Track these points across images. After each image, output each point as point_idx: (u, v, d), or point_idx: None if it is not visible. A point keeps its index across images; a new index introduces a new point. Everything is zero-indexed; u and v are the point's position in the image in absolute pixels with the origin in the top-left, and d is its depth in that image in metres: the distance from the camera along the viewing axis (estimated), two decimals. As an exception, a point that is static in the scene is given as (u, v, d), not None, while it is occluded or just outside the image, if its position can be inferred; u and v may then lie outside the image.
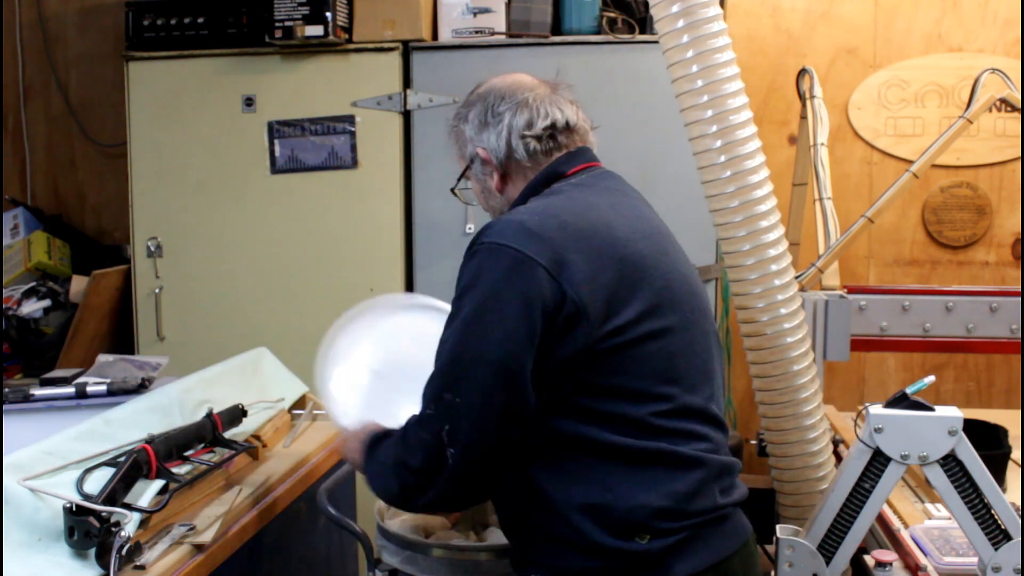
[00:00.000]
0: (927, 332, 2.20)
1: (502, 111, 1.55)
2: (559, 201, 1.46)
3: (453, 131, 1.61)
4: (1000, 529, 1.40)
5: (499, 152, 1.55)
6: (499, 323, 1.30)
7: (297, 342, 2.86)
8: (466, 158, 1.59)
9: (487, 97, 1.59)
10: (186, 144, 2.97)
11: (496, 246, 1.34)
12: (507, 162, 1.55)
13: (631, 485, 1.34)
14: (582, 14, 2.82)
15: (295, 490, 1.90)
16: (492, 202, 1.62)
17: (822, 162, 2.38)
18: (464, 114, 1.59)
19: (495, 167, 1.56)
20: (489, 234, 1.37)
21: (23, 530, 1.33)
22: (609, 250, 1.37)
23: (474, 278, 1.34)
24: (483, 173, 1.59)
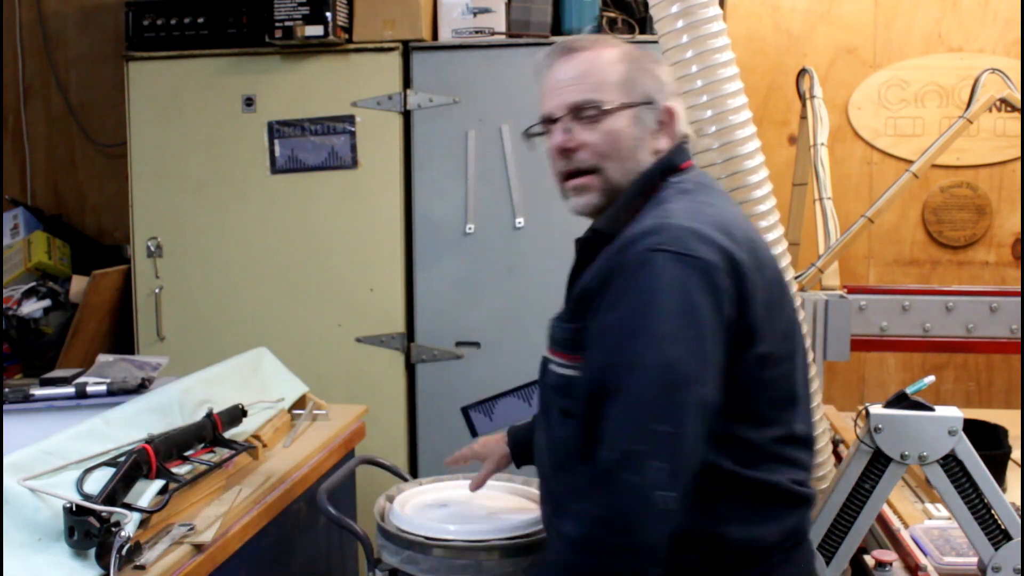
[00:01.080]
0: (927, 332, 2.20)
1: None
2: (710, 208, 1.31)
3: (624, 61, 1.38)
4: (1000, 529, 1.40)
5: (679, 122, 1.40)
6: (699, 340, 1.18)
7: (297, 342, 2.87)
8: (634, 97, 1.36)
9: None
10: (186, 144, 2.97)
11: (680, 256, 1.20)
12: (673, 133, 1.40)
13: (747, 516, 1.27)
14: (582, 14, 2.82)
15: (295, 490, 1.90)
16: (622, 155, 1.36)
17: (822, 162, 2.38)
18: (642, 61, 1.40)
19: (669, 132, 1.40)
20: (663, 240, 1.22)
21: (23, 530, 1.33)
22: (764, 268, 1.29)
23: (658, 288, 1.19)
24: (647, 124, 1.38)
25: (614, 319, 1.22)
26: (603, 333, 1.24)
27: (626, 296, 1.21)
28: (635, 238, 1.24)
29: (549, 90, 1.41)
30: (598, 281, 1.27)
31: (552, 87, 1.40)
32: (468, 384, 2.87)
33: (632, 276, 1.21)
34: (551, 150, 1.41)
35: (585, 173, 1.38)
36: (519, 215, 2.84)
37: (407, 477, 1.99)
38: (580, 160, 1.38)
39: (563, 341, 1.35)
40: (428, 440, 2.92)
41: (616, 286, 1.23)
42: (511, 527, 1.65)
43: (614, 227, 1.34)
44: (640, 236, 1.24)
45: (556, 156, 1.40)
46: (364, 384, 2.90)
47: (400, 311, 2.91)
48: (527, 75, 2.78)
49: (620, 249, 1.26)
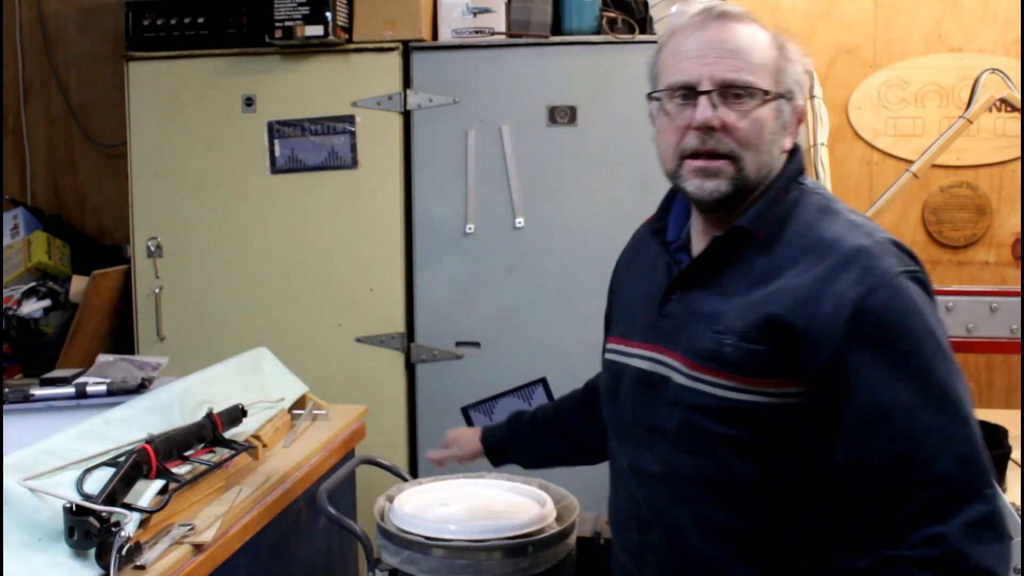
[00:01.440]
0: (927, 332, 2.20)
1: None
2: (865, 219, 1.30)
3: (775, 48, 1.30)
4: (1000, 529, 1.39)
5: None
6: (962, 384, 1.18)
7: (297, 342, 2.87)
8: (781, 88, 1.29)
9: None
10: (186, 144, 2.97)
11: (912, 274, 1.20)
12: (796, 134, 1.35)
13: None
14: (582, 14, 2.82)
15: (295, 490, 1.90)
16: (761, 148, 1.27)
17: (822, 162, 2.38)
18: (789, 50, 1.31)
19: (794, 133, 1.33)
20: (898, 260, 1.20)
21: (23, 530, 1.33)
22: None
23: (915, 314, 1.18)
24: (783, 117, 1.31)
25: (901, 390, 1.16)
26: (891, 409, 1.16)
27: (890, 329, 1.17)
28: (867, 268, 1.18)
29: (695, 55, 1.26)
30: (818, 313, 1.18)
31: (699, 52, 1.26)
32: (468, 384, 2.87)
33: (883, 303, 1.17)
34: (684, 122, 1.27)
35: (720, 157, 1.26)
36: (519, 215, 2.84)
37: (407, 477, 1.99)
38: (721, 143, 1.25)
39: (738, 362, 1.22)
40: (428, 440, 2.92)
41: (881, 328, 1.17)
42: (511, 527, 1.65)
43: (759, 227, 1.28)
44: (867, 263, 1.19)
45: (687, 131, 1.27)
46: (364, 384, 2.90)
47: (400, 311, 2.91)
48: (527, 75, 2.80)
49: (859, 285, 1.17)
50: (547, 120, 2.81)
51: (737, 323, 1.24)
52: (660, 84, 1.32)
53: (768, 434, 1.23)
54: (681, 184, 1.31)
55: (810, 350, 1.19)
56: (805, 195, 1.32)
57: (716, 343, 1.25)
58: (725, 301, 1.27)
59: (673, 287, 1.33)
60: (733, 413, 1.23)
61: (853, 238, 1.23)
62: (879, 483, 1.17)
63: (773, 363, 1.21)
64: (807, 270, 1.22)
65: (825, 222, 1.27)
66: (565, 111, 2.79)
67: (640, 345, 1.37)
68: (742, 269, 1.28)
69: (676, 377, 1.29)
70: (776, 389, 1.22)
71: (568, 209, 2.80)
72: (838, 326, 1.17)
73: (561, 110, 2.80)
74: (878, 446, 1.16)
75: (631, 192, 2.76)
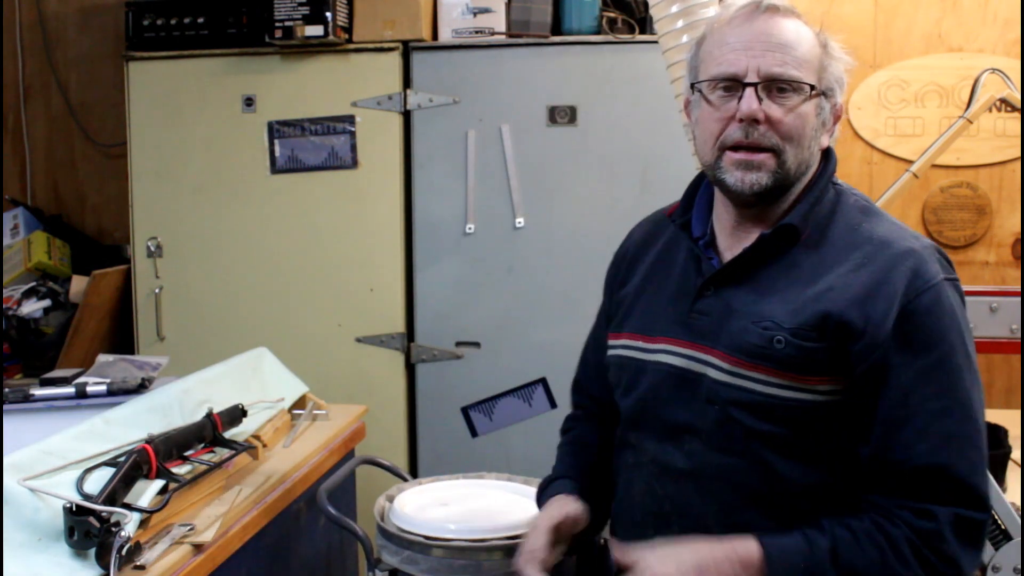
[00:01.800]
0: (927, 332, 2.20)
1: None
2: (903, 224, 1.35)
3: (819, 44, 1.30)
4: (1000, 529, 1.40)
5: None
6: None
7: (297, 342, 2.87)
8: (823, 86, 1.29)
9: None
10: (186, 144, 2.97)
11: (954, 283, 1.25)
12: (832, 133, 1.35)
13: None
14: (582, 14, 2.82)
15: (295, 490, 1.90)
16: (802, 143, 1.27)
17: (822, 162, 2.38)
18: (832, 48, 1.32)
19: (831, 131, 1.34)
20: (942, 267, 1.25)
21: (23, 530, 1.33)
22: None
23: (953, 322, 1.22)
24: (823, 114, 1.31)
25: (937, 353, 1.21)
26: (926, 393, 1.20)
27: (925, 329, 1.21)
28: (917, 270, 1.22)
29: (742, 47, 1.26)
30: (873, 313, 1.21)
31: (746, 44, 1.25)
32: (468, 384, 2.87)
33: (926, 309, 1.21)
34: (727, 113, 1.26)
35: (762, 151, 1.26)
36: (519, 215, 2.84)
37: (407, 477, 1.99)
38: (764, 136, 1.25)
39: (790, 359, 1.22)
40: (428, 440, 2.92)
41: (923, 330, 1.21)
42: (511, 527, 1.65)
43: (806, 225, 1.28)
44: (917, 265, 1.23)
45: (732, 122, 1.26)
46: (364, 384, 2.90)
47: (400, 311, 2.91)
48: (527, 75, 2.80)
49: (908, 287, 1.21)
50: (547, 120, 2.81)
51: (788, 320, 1.23)
52: (702, 75, 1.30)
53: (810, 432, 1.24)
54: (720, 176, 1.29)
55: (862, 348, 1.20)
56: (844, 195, 1.33)
57: (766, 340, 1.24)
58: (768, 298, 1.26)
59: (709, 283, 1.32)
60: (778, 410, 1.24)
61: (904, 240, 1.26)
62: (895, 474, 1.20)
63: (824, 361, 1.22)
64: (858, 268, 1.23)
65: (871, 222, 1.30)
66: (565, 111, 2.80)
67: (667, 341, 1.34)
68: (784, 267, 1.28)
69: (712, 373, 1.28)
70: (824, 387, 1.23)
71: (568, 209, 2.80)
72: (887, 326, 1.20)
73: (561, 110, 2.80)
74: (900, 443, 1.19)
75: (631, 192, 2.76)
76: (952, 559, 1.17)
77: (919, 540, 1.17)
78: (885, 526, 1.18)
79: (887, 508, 1.20)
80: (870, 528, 1.19)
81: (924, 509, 1.18)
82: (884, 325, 1.19)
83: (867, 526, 1.19)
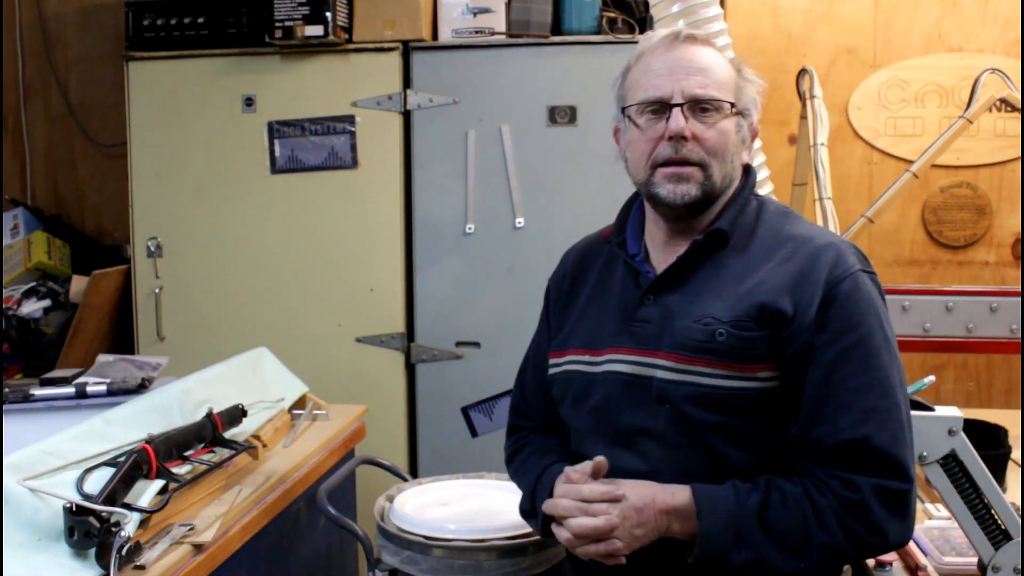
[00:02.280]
0: (927, 332, 2.20)
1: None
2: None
3: (734, 69, 1.43)
4: (1000, 529, 1.40)
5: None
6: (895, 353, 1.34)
7: (297, 342, 2.87)
8: (740, 106, 1.42)
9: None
10: (186, 144, 2.97)
11: (871, 275, 1.36)
12: (750, 151, 1.48)
13: None
14: (582, 14, 2.82)
15: (295, 490, 1.90)
16: (725, 158, 1.40)
17: (822, 162, 2.39)
18: (746, 72, 1.45)
19: (749, 149, 1.47)
20: (858, 260, 1.35)
21: (23, 530, 1.33)
22: None
23: (871, 307, 1.32)
24: (742, 132, 1.43)
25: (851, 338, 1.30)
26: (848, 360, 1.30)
27: (844, 317, 1.31)
28: (836, 261, 1.33)
29: (666, 72, 1.38)
30: (800, 299, 1.31)
31: (670, 69, 1.38)
32: (468, 384, 2.87)
33: (844, 298, 1.31)
34: (656, 134, 1.38)
35: (691, 164, 1.38)
36: (519, 215, 2.84)
37: (407, 477, 1.99)
38: (691, 151, 1.37)
39: (731, 349, 1.32)
40: (428, 440, 2.92)
41: (842, 314, 1.31)
42: (511, 527, 1.65)
43: (734, 230, 1.40)
44: (836, 256, 1.33)
45: (661, 141, 1.38)
46: (364, 384, 2.90)
47: (400, 311, 2.91)
48: (527, 75, 2.80)
49: (829, 275, 1.31)
50: (547, 120, 2.81)
51: (726, 314, 1.33)
52: (631, 100, 1.43)
53: (757, 419, 1.33)
54: (654, 190, 1.40)
55: (791, 333, 1.31)
56: (765, 204, 1.46)
57: (707, 334, 1.33)
58: (704, 298, 1.37)
59: (648, 292, 1.41)
60: (724, 401, 1.32)
61: (822, 236, 1.38)
62: (821, 447, 1.29)
63: (762, 348, 1.31)
64: (785, 262, 1.35)
65: (791, 224, 1.42)
66: (565, 111, 2.80)
67: (614, 351, 1.41)
68: (715, 269, 1.38)
69: (660, 373, 1.35)
70: (764, 373, 1.32)
71: (568, 209, 2.80)
72: (812, 311, 1.30)
73: (561, 110, 2.80)
74: (824, 418, 1.29)
75: (630, 192, 2.75)
76: (877, 526, 1.26)
77: (844, 510, 1.26)
78: (814, 495, 1.27)
79: (819, 476, 1.28)
80: (800, 495, 1.28)
81: (849, 479, 1.26)
82: (810, 310, 1.30)
83: (798, 492, 1.28)
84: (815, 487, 1.28)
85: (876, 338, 1.31)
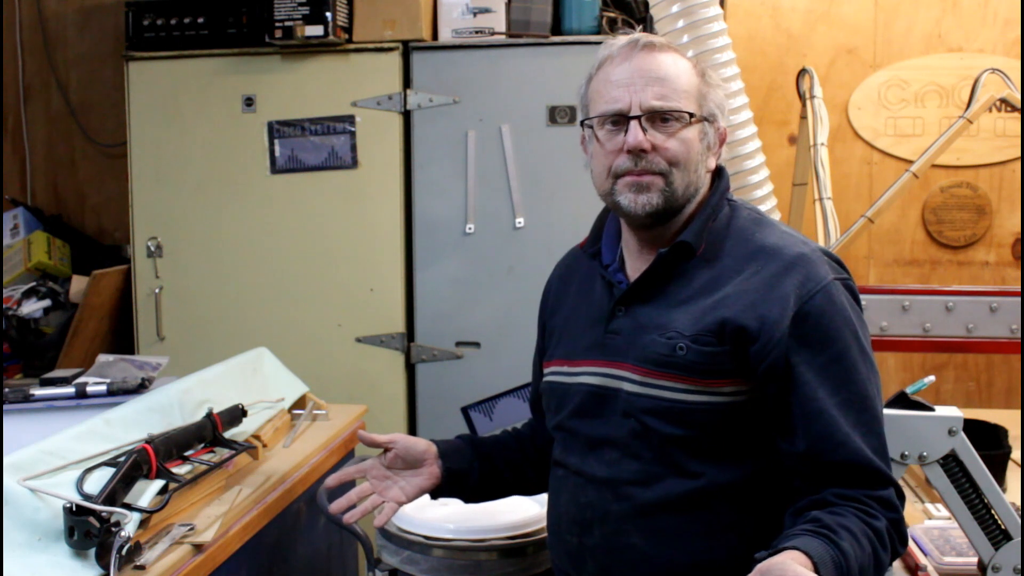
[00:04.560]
0: (927, 332, 2.20)
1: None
2: (795, 231, 1.43)
3: (697, 75, 1.39)
4: (1000, 529, 1.40)
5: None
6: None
7: (297, 342, 2.87)
8: (704, 112, 1.38)
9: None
10: (186, 144, 2.97)
11: (844, 280, 1.33)
12: (719, 155, 1.45)
13: None
14: (582, 14, 2.82)
15: (295, 490, 1.90)
16: (689, 167, 1.36)
17: (822, 162, 2.39)
18: (710, 77, 1.41)
19: (717, 154, 1.43)
20: (831, 268, 1.33)
21: (23, 530, 1.33)
22: None
23: (845, 320, 1.30)
24: (708, 138, 1.40)
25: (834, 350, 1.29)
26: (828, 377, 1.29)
27: (838, 340, 1.29)
28: (807, 274, 1.30)
29: (624, 83, 1.35)
30: (768, 316, 1.28)
31: (628, 81, 1.35)
32: (468, 384, 2.87)
33: (821, 307, 1.29)
34: (616, 146, 1.35)
35: (652, 174, 1.35)
36: (519, 215, 2.84)
37: (407, 477, 1.98)
38: (652, 162, 1.34)
39: (692, 365, 1.30)
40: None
41: (817, 331, 1.29)
42: (510, 527, 1.65)
43: (700, 240, 1.36)
44: (807, 269, 1.30)
45: (621, 153, 1.35)
46: (364, 384, 2.90)
47: (400, 311, 2.91)
48: (527, 75, 2.80)
49: (800, 290, 1.29)
50: (547, 120, 2.81)
51: (689, 329, 1.32)
52: (592, 112, 1.40)
53: (718, 433, 1.32)
54: (615, 199, 1.37)
55: (759, 350, 1.28)
56: (737, 210, 1.42)
57: (669, 348, 1.32)
58: (672, 311, 1.35)
59: (619, 304, 1.40)
60: (686, 415, 1.31)
61: (793, 246, 1.34)
62: (810, 467, 1.28)
63: (725, 364, 1.30)
64: (752, 276, 1.32)
65: (762, 233, 1.38)
66: (565, 111, 2.80)
67: (586, 363, 1.42)
68: (684, 281, 1.36)
69: (627, 387, 1.35)
70: (727, 388, 1.31)
71: (568, 209, 2.80)
72: (783, 327, 1.28)
73: (561, 110, 2.80)
74: (808, 437, 1.28)
75: (631, 192, 2.76)
76: (904, 536, 1.28)
77: (892, 527, 1.26)
78: (868, 520, 1.24)
79: (858, 499, 1.26)
80: (858, 524, 1.24)
81: (845, 494, 1.25)
82: (780, 326, 1.27)
83: (855, 522, 1.24)
84: (863, 511, 1.25)
85: (852, 352, 1.29)
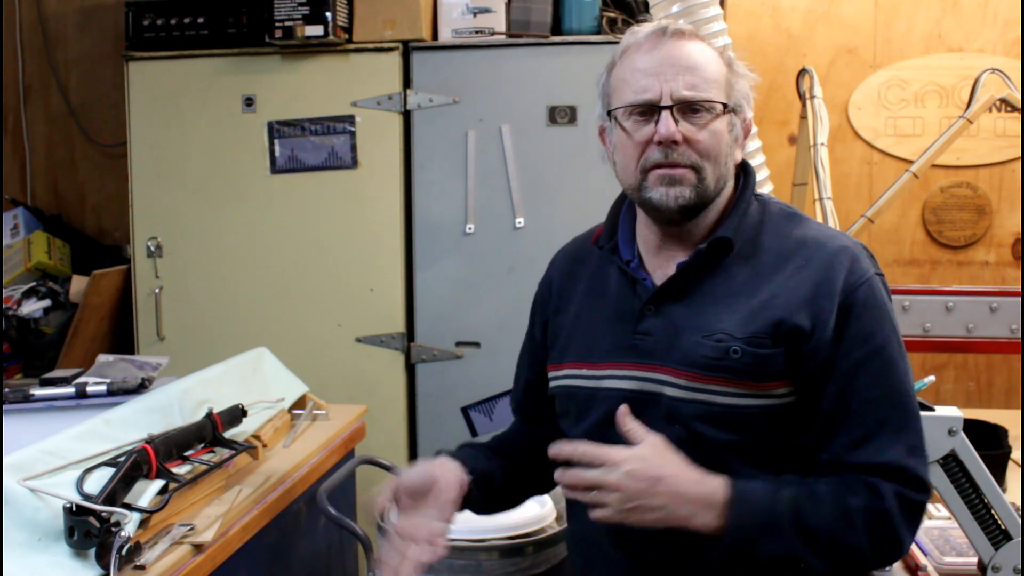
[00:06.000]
0: (927, 332, 2.20)
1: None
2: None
3: (725, 64, 1.34)
4: (1000, 529, 1.40)
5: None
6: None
7: (297, 342, 2.87)
8: (732, 103, 1.33)
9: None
10: (186, 144, 2.97)
11: (881, 277, 1.32)
12: (744, 147, 1.40)
13: None
14: (582, 14, 2.82)
15: (295, 490, 1.90)
16: (719, 159, 1.31)
17: (822, 162, 2.39)
18: (737, 66, 1.36)
19: (742, 146, 1.38)
20: (871, 263, 1.31)
21: (23, 530, 1.33)
22: None
23: (886, 314, 1.28)
24: (735, 130, 1.35)
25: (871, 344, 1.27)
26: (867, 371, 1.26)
27: (865, 320, 1.27)
28: (851, 267, 1.27)
29: (653, 72, 1.30)
30: (820, 313, 1.25)
31: (657, 69, 1.29)
32: (468, 384, 2.87)
33: (865, 299, 1.27)
34: (644, 137, 1.30)
35: (683, 167, 1.29)
36: (519, 215, 2.84)
37: (407, 477, 1.98)
38: (683, 155, 1.28)
39: (747, 368, 1.25)
40: (428, 440, 2.92)
41: (859, 324, 1.26)
42: (511, 527, 1.65)
43: (738, 237, 1.32)
44: (851, 261, 1.28)
45: (650, 145, 1.29)
46: (364, 384, 2.90)
47: (400, 311, 2.91)
48: (527, 75, 2.80)
49: (845, 283, 1.26)
50: (547, 120, 2.81)
51: (740, 331, 1.26)
52: (616, 102, 1.34)
53: (771, 436, 1.27)
54: (646, 195, 1.32)
55: (812, 347, 1.24)
56: (768, 205, 1.38)
57: (721, 351, 1.26)
58: (712, 311, 1.29)
59: (649, 302, 1.33)
60: (739, 419, 1.26)
61: (835, 239, 1.31)
62: (842, 463, 1.24)
63: (779, 365, 1.25)
64: (798, 271, 1.28)
65: (799, 227, 1.34)
66: (565, 111, 2.80)
67: (614, 366, 1.34)
68: (721, 280, 1.31)
69: (669, 391, 1.28)
70: (780, 390, 1.26)
71: (568, 209, 2.80)
72: (831, 324, 1.25)
73: (561, 110, 2.80)
74: (843, 433, 1.24)
75: (631, 192, 2.76)
76: (895, 535, 1.22)
77: (871, 513, 1.21)
78: (845, 495, 1.22)
79: (849, 477, 1.23)
80: (832, 493, 1.22)
81: (874, 485, 1.22)
82: (829, 323, 1.25)
83: (830, 490, 1.23)
84: (846, 487, 1.22)
85: (892, 346, 1.26)
